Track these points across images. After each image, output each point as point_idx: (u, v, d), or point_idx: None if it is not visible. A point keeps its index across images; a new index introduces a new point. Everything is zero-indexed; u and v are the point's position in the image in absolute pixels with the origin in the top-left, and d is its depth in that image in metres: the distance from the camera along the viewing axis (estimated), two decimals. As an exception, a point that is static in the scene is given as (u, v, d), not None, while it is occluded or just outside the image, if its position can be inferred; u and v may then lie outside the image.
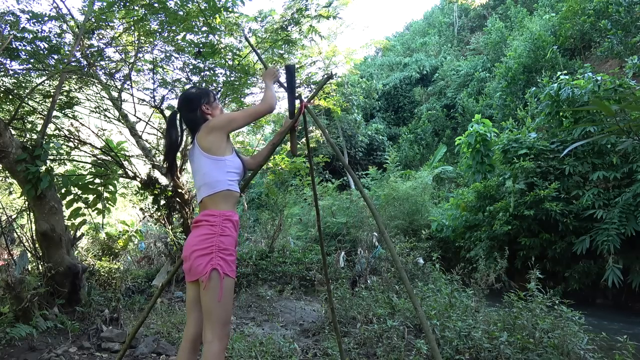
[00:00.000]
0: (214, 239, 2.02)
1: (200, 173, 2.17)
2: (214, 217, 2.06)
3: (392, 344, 3.51)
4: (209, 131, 2.16)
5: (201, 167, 2.16)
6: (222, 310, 2.00)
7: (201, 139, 2.17)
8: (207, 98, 2.30)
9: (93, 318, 4.15)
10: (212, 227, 2.04)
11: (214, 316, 1.98)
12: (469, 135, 10.76)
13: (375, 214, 2.38)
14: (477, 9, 27.61)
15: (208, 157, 2.14)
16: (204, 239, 2.02)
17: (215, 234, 2.03)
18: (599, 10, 14.19)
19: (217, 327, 1.98)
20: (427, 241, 9.09)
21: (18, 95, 4.98)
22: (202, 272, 1.98)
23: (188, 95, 2.35)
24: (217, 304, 1.98)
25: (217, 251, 2.00)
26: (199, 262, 1.99)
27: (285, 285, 6.79)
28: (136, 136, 6.66)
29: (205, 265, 1.98)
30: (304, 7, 5.86)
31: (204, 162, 2.15)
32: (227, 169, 2.15)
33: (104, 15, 4.55)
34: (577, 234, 7.83)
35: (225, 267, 2.00)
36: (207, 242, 2.01)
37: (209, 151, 2.15)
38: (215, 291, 1.97)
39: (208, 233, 2.03)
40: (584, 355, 3.20)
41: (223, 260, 2.00)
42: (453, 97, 21.77)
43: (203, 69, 5.49)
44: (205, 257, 1.99)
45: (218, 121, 2.19)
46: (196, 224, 2.11)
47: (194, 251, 2.02)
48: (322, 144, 13.72)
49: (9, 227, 5.63)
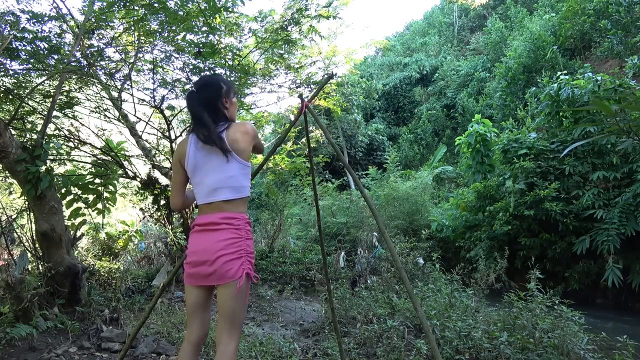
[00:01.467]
0: (241, 243, 1.99)
1: (224, 175, 2.02)
2: (238, 220, 2.01)
3: (392, 344, 3.51)
4: (247, 138, 2.08)
5: (228, 168, 2.03)
6: (243, 313, 2.05)
7: (235, 140, 2.04)
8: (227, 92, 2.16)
9: (93, 318, 4.15)
10: (238, 230, 1.99)
11: (236, 319, 2.00)
12: (469, 135, 10.77)
13: (376, 213, 2.38)
14: (477, 9, 27.63)
15: (240, 161, 2.04)
16: (231, 242, 1.97)
17: (242, 238, 2.00)
18: (599, 10, 14.19)
19: (236, 329, 2.00)
20: (427, 241, 9.09)
21: (18, 95, 4.97)
22: (234, 277, 1.95)
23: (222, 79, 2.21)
24: (244, 306, 2.01)
25: (245, 255, 1.99)
26: (230, 266, 1.95)
27: (285, 285, 6.79)
28: (136, 136, 6.67)
29: (238, 270, 1.95)
30: (304, 7, 5.87)
31: (233, 164, 2.03)
32: (249, 176, 2.14)
33: (104, 15, 4.55)
34: (577, 234, 7.83)
35: (252, 270, 2.02)
36: (236, 247, 1.97)
37: (242, 155, 2.05)
38: (244, 295, 2.00)
39: (235, 237, 1.98)
40: (584, 355, 3.20)
41: (250, 264, 2.01)
42: (453, 97, 21.77)
43: (203, 69, 5.48)
44: (236, 262, 1.96)
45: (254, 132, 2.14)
46: (212, 226, 2.00)
47: (221, 255, 1.94)
48: (322, 144, 13.73)
49: (9, 227, 5.63)
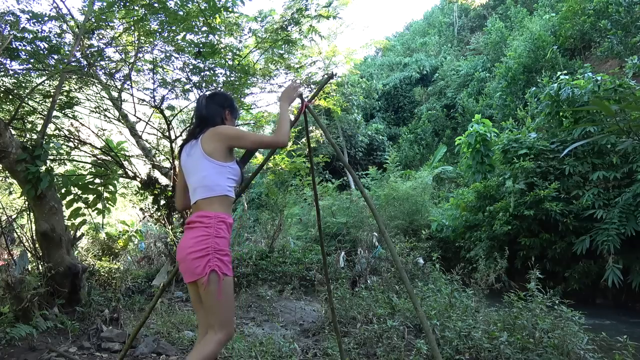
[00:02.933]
0: (209, 240, 2.03)
1: (199, 175, 2.14)
2: (209, 218, 2.07)
3: (392, 344, 3.51)
4: (216, 138, 2.15)
5: (201, 168, 2.14)
6: (224, 308, 2.06)
7: (206, 141, 2.15)
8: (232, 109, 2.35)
9: (93, 318, 4.15)
10: (207, 228, 2.05)
11: (217, 315, 2.04)
12: (469, 135, 10.76)
13: (376, 213, 2.38)
14: (477, 9, 27.61)
15: (210, 160, 2.13)
16: (199, 240, 2.03)
17: (210, 235, 2.04)
18: (599, 10, 14.19)
19: (218, 324, 2.04)
20: (427, 241, 9.09)
21: (18, 95, 4.97)
22: (200, 274, 2.00)
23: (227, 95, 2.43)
24: (218, 302, 2.03)
25: (213, 252, 2.02)
26: (197, 264, 2.00)
27: (285, 285, 6.78)
28: (136, 136, 6.67)
29: (204, 267, 2.00)
30: (304, 7, 5.87)
31: (205, 164, 2.13)
32: (227, 175, 2.16)
33: (104, 15, 4.55)
34: (577, 234, 7.83)
35: (222, 267, 2.03)
36: (203, 244, 2.02)
37: (212, 155, 2.14)
38: (214, 292, 2.01)
39: (203, 235, 2.04)
40: (584, 355, 3.20)
41: (220, 261, 2.03)
42: (453, 97, 21.77)
43: (203, 69, 5.48)
44: (202, 259, 2.00)
45: (226, 132, 2.17)
46: (189, 225, 2.11)
47: (189, 253, 2.03)
48: (322, 144, 13.73)
49: (9, 227, 5.63)
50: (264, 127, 9.97)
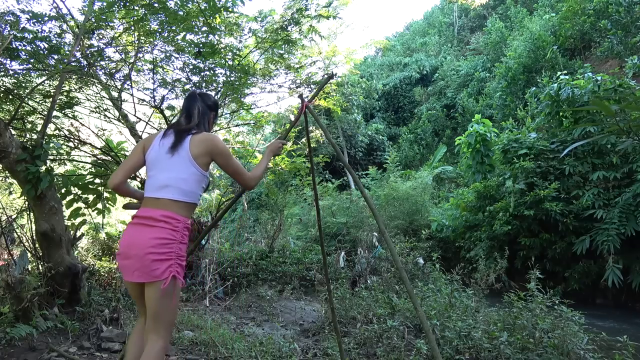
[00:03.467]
0: (174, 245, 2.00)
1: (178, 175, 2.08)
2: (178, 222, 2.02)
3: (392, 344, 3.51)
4: (207, 147, 2.13)
5: (182, 170, 2.09)
6: (171, 314, 2.06)
7: (197, 145, 2.11)
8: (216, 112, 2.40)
9: (93, 318, 4.15)
10: (174, 232, 2.01)
11: (162, 320, 2.02)
12: (469, 135, 10.77)
13: (376, 213, 2.38)
14: (477, 9, 27.61)
15: (195, 166, 2.10)
16: (164, 243, 1.98)
17: (176, 241, 2.01)
18: (599, 10, 14.19)
19: (163, 329, 2.02)
20: (427, 241, 9.09)
21: (18, 95, 4.97)
22: (159, 277, 1.96)
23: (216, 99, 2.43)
24: (169, 308, 2.02)
25: (176, 258, 2.00)
26: (157, 266, 1.95)
27: (285, 285, 6.78)
28: (136, 136, 6.66)
29: (164, 271, 1.96)
30: (304, 7, 5.86)
31: (188, 167, 2.09)
32: (202, 184, 2.17)
33: (104, 15, 4.54)
34: (577, 234, 7.83)
35: (181, 273, 2.02)
36: (167, 248, 1.98)
37: (197, 161, 2.11)
38: (170, 297, 2.00)
39: (169, 238, 1.99)
40: (584, 355, 3.20)
41: (180, 267, 2.01)
42: (453, 97, 21.77)
43: (203, 69, 5.48)
44: (164, 262, 1.96)
45: (220, 148, 2.16)
46: (151, 222, 2.01)
47: (150, 253, 1.95)
48: (322, 144, 13.73)
49: (9, 227, 5.63)
50: (264, 127, 9.97)
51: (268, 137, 16.48)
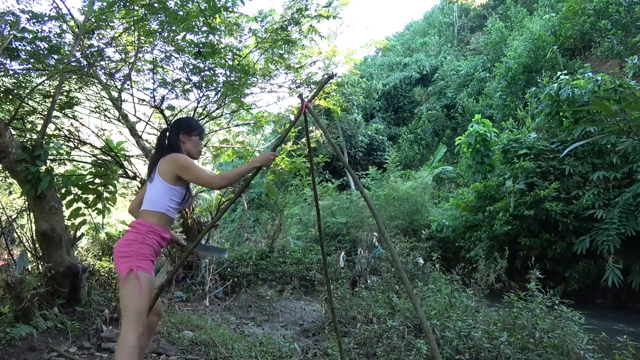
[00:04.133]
0: (134, 245, 2.28)
1: (150, 190, 2.46)
2: (142, 226, 2.34)
3: (392, 344, 3.51)
4: (170, 163, 2.43)
5: (153, 185, 2.45)
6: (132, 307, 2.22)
7: (163, 164, 2.44)
8: (187, 130, 2.59)
9: (93, 318, 4.15)
10: (137, 234, 2.31)
11: (126, 310, 2.22)
12: (469, 135, 10.77)
13: (376, 214, 2.38)
14: (477, 9, 27.61)
15: (161, 180, 2.42)
16: (127, 243, 2.29)
17: (137, 241, 2.29)
18: (599, 10, 14.19)
19: (129, 320, 2.20)
20: (427, 241, 9.09)
21: (18, 95, 4.97)
22: (119, 271, 2.26)
23: (181, 120, 2.73)
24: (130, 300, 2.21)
25: (135, 255, 2.26)
26: (119, 262, 2.26)
27: (285, 285, 6.78)
28: (136, 136, 6.66)
29: (122, 266, 2.24)
30: (304, 7, 5.86)
31: (157, 182, 2.44)
32: (170, 196, 2.42)
33: (104, 15, 4.54)
34: (577, 234, 7.83)
35: (142, 268, 2.25)
36: (128, 247, 2.28)
37: (163, 176, 2.42)
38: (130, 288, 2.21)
39: (131, 239, 2.30)
40: (584, 355, 3.20)
41: (140, 263, 2.26)
42: (453, 97, 21.77)
43: (203, 69, 5.48)
44: (124, 259, 2.25)
45: (178, 161, 2.42)
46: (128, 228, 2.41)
47: (116, 251, 2.31)
48: (322, 144, 13.73)
49: (9, 227, 5.63)
50: (264, 127, 9.97)
51: (268, 137, 16.49)
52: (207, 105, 6.60)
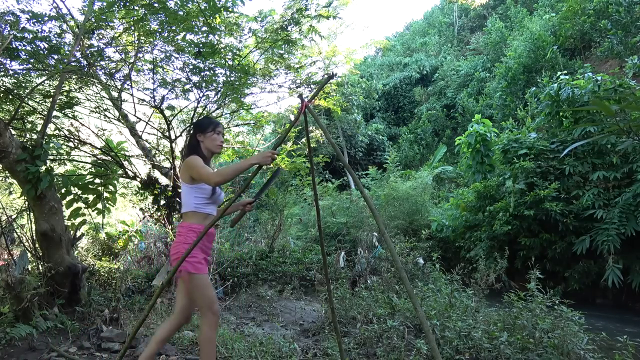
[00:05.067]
0: (179, 247, 2.52)
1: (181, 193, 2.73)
2: (182, 227, 2.60)
3: (392, 344, 3.51)
4: (184, 166, 2.66)
5: (182, 188, 2.72)
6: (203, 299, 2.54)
7: (181, 168, 2.71)
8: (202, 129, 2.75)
9: (93, 318, 4.15)
10: (179, 236, 2.57)
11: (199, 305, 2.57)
12: (469, 135, 10.76)
13: (376, 214, 2.38)
14: (477, 9, 27.62)
15: (183, 183, 2.67)
16: (174, 246, 2.57)
17: (181, 243, 2.53)
18: (599, 10, 14.19)
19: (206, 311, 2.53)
20: (427, 241, 9.08)
21: (18, 95, 4.97)
22: (177, 275, 2.53)
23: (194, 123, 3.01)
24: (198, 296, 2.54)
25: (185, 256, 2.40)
26: (174, 264, 2.45)
27: (285, 285, 6.78)
28: (136, 136, 6.67)
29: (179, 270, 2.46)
30: (304, 7, 5.86)
31: (182, 185, 2.70)
32: (194, 194, 2.61)
33: (104, 15, 4.54)
34: (577, 234, 7.83)
35: (190, 268, 2.48)
36: (175, 249, 2.55)
37: (183, 179, 2.67)
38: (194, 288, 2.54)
39: (177, 241, 2.57)
40: (584, 355, 3.20)
41: (188, 263, 2.46)
42: (453, 97, 21.77)
43: (203, 69, 5.48)
44: (176, 262, 2.43)
45: (187, 163, 2.61)
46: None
47: (170, 255, 2.62)
48: (322, 144, 13.73)
49: (9, 227, 5.63)
50: (264, 127, 9.98)
51: (268, 137, 16.49)
52: (207, 105, 6.60)
